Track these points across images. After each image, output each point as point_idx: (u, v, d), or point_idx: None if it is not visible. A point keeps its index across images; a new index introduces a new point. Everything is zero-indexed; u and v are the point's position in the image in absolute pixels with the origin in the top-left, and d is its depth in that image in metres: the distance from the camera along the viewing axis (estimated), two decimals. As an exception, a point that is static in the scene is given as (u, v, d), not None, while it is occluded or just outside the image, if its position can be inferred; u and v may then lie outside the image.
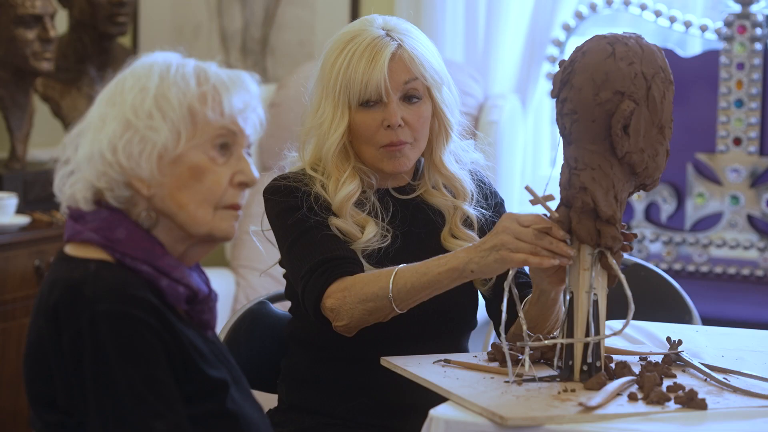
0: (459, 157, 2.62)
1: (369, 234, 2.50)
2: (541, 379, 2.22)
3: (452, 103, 2.58)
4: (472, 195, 2.61)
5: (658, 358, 2.36)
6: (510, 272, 2.23)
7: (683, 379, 2.26)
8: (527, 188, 2.25)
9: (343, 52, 2.51)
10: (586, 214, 2.21)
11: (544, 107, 4.59)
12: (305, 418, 2.56)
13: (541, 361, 2.34)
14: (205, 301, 1.99)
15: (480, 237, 2.59)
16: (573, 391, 2.16)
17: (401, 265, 2.39)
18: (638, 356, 2.38)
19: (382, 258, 2.51)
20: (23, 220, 3.96)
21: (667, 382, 2.21)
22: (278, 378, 2.66)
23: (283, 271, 2.61)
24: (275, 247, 2.59)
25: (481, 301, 2.65)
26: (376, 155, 2.53)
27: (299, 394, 2.59)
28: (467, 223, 2.60)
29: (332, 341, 2.52)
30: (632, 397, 2.13)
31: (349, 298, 2.39)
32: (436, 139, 2.57)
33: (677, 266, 4.31)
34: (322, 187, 2.53)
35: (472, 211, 2.60)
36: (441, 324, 2.56)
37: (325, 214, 2.51)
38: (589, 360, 2.22)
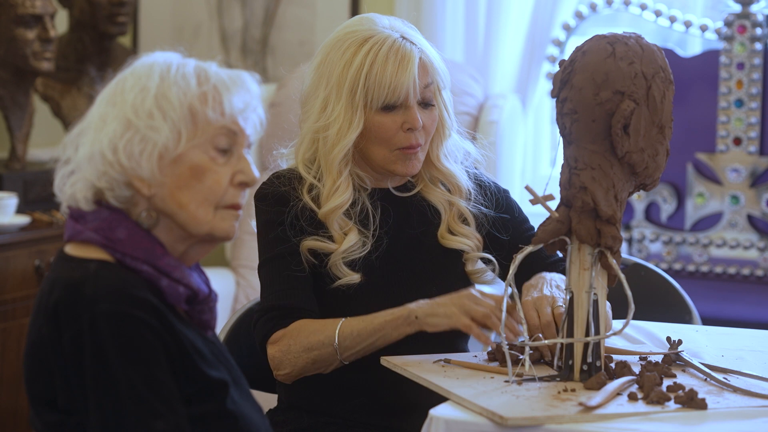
0: (454, 155, 2.62)
1: (348, 243, 2.51)
2: (541, 379, 2.22)
3: (450, 104, 2.59)
4: (470, 192, 2.62)
5: (658, 358, 2.36)
6: (510, 271, 2.23)
7: (683, 379, 2.26)
8: (527, 188, 2.25)
9: (358, 54, 2.50)
10: (586, 214, 2.21)
11: (544, 107, 4.59)
12: (305, 418, 2.57)
13: (542, 360, 2.34)
14: (205, 301, 1.99)
15: (478, 232, 2.60)
16: (573, 390, 2.16)
17: (347, 318, 2.43)
18: (638, 356, 2.38)
19: (365, 263, 2.52)
20: (23, 220, 3.96)
21: (667, 382, 2.21)
22: (278, 378, 2.66)
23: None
24: None
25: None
26: (389, 157, 2.53)
27: (299, 394, 2.59)
28: (464, 220, 2.61)
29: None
30: (632, 397, 2.13)
31: (294, 346, 2.44)
32: (434, 138, 2.58)
33: (677, 266, 4.31)
34: (312, 193, 2.53)
35: (470, 207, 2.60)
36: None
37: (311, 227, 2.52)
38: (589, 360, 2.22)
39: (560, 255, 2.57)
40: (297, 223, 2.52)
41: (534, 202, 2.25)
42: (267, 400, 2.54)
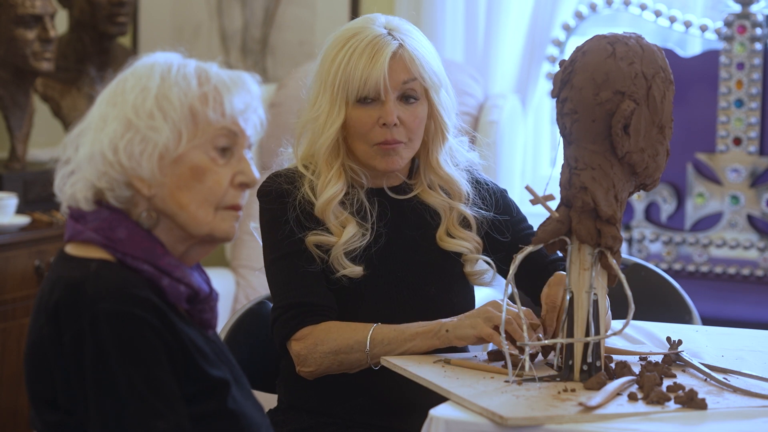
0: (455, 159, 2.62)
1: (347, 234, 2.52)
2: (541, 379, 2.22)
3: (449, 106, 2.59)
4: (468, 196, 2.62)
5: (658, 358, 2.36)
6: (510, 270, 2.23)
7: (683, 379, 2.26)
8: (527, 188, 2.25)
9: (343, 49, 2.52)
10: (587, 214, 2.21)
11: (544, 107, 4.59)
12: (305, 418, 2.57)
13: (548, 364, 2.35)
14: (206, 300, 1.99)
15: (479, 236, 2.60)
16: (573, 390, 2.17)
17: (378, 324, 2.44)
18: (638, 356, 2.38)
19: (364, 257, 2.52)
20: (23, 220, 3.96)
21: (667, 382, 2.21)
22: (278, 378, 2.66)
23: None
24: None
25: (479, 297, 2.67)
26: (369, 152, 2.54)
27: (298, 394, 2.59)
28: (465, 223, 2.61)
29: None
30: (632, 397, 2.14)
31: (321, 347, 2.45)
32: (432, 141, 2.58)
33: (677, 266, 4.31)
34: (311, 190, 2.54)
35: (469, 211, 2.60)
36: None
37: (311, 223, 2.53)
38: (589, 360, 2.23)
39: (560, 255, 2.57)
40: (299, 220, 2.53)
41: (534, 202, 2.25)
42: (267, 400, 2.54)
